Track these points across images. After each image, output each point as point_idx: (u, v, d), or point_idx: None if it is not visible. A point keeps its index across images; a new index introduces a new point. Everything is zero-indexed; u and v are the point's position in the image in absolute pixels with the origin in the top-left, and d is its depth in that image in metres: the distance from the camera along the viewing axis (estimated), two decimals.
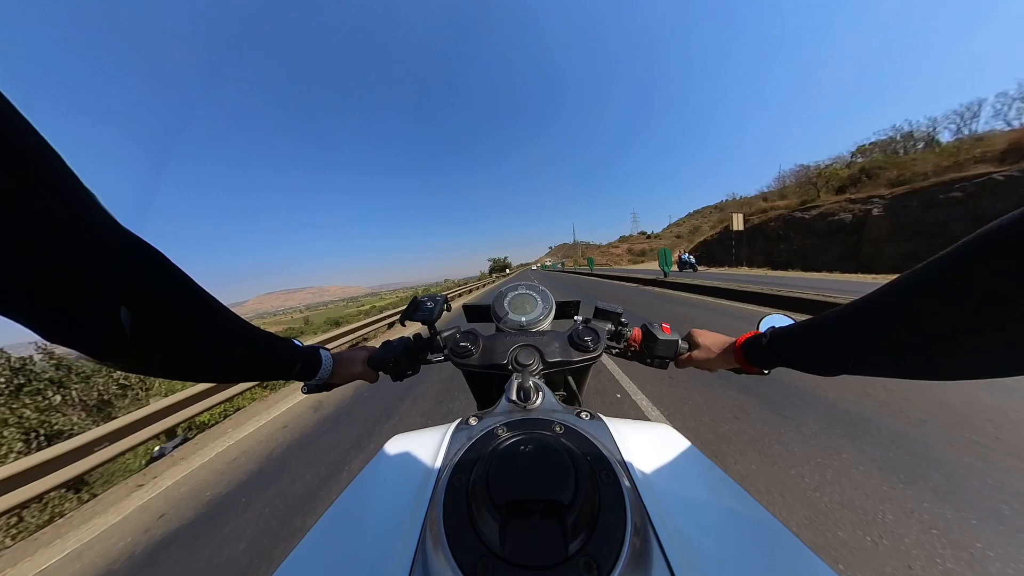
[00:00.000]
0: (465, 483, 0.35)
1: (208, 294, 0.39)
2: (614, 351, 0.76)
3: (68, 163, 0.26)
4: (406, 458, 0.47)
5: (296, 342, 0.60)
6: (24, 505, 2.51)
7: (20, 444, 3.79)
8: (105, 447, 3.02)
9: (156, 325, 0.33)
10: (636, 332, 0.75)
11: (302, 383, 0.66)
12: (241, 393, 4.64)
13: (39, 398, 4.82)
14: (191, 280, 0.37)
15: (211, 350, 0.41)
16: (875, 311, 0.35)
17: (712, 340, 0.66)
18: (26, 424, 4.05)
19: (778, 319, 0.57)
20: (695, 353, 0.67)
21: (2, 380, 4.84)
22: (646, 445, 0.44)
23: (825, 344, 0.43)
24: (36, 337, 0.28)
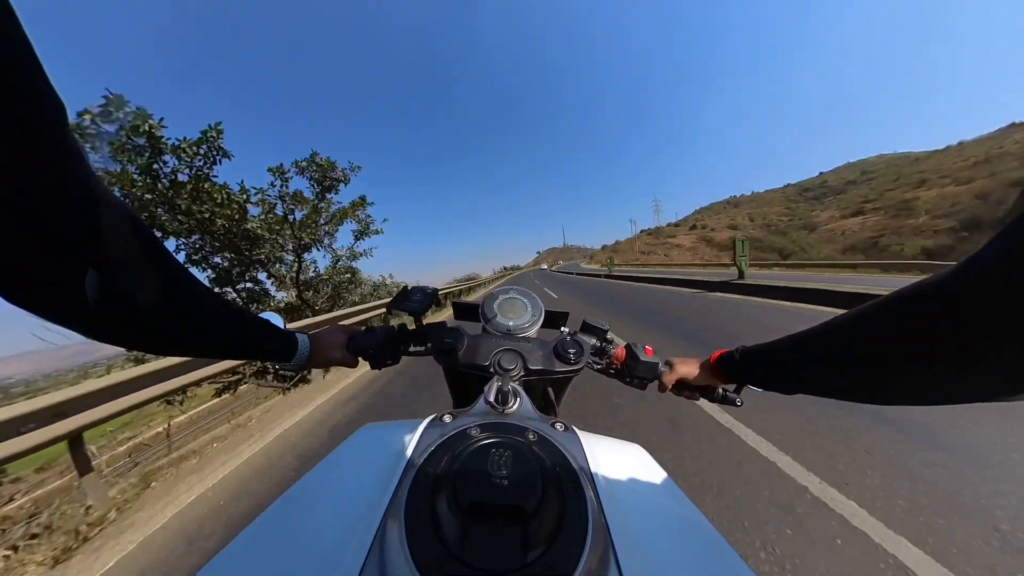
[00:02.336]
0: (432, 480, 0.36)
1: (178, 262, 0.37)
2: (596, 367, 0.75)
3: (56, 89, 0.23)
4: (374, 448, 0.47)
5: (273, 321, 0.57)
6: None
7: None
8: None
9: (121, 292, 0.31)
10: (619, 351, 0.75)
11: (276, 364, 0.63)
12: None
13: None
14: (162, 245, 0.35)
15: (177, 323, 0.39)
16: (831, 341, 0.39)
17: (690, 361, 0.69)
18: None
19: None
20: (676, 372, 0.68)
21: None
22: (615, 462, 0.44)
23: (788, 364, 0.46)
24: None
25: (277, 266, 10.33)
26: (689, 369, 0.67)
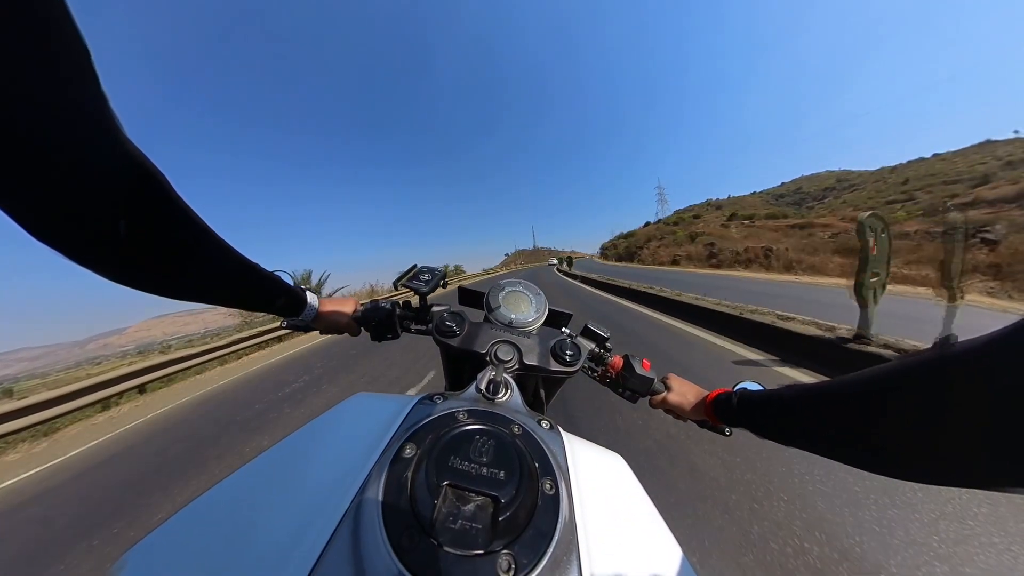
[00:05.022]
0: (414, 455, 0.36)
1: (197, 214, 0.39)
2: (591, 373, 0.76)
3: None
4: (363, 417, 0.48)
5: (285, 278, 0.61)
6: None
7: None
8: None
9: (149, 240, 0.34)
10: (616, 360, 0.74)
11: (283, 318, 0.68)
12: None
13: None
14: (183, 201, 0.37)
15: (199, 272, 0.42)
16: (836, 402, 0.37)
17: (687, 388, 0.68)
18: None
19: (751, 384, 0.59)
20: (669, 396, 0.68)
21: None
22: (594, 468, 0.44)
23: (786, 418, 0.45)
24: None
25: None
26: (683, 400, 0.67)
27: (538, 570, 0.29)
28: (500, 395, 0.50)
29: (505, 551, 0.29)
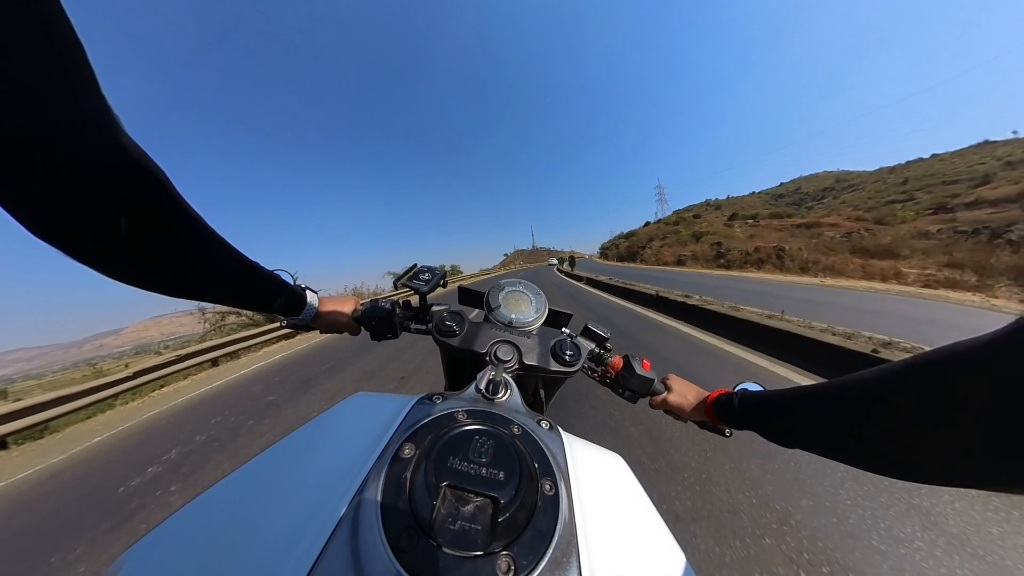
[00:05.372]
0: (412, 455, 0.36)
1: (198, 214, 0.39)
2: (591, 373, 0.76)
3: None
4: (362, 417, 0.47)
5: (286, 278, 0.60)
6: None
7: None
8: None
9: (150, 237, 0.34)
10: (617, 360, 0.74)
11: (284, 317, 0.67)
12: None
13: None
14: (184, 199, 0.37)
15: (199, 270, 0.41)
16: (839, 402, 0.37)
17: (687, 389, 0.68)
18: None
19: (752, 385, 0.58)
20: (670, 397, 0.68)
21: None
22: (594, 469, 0.44)
23: (787, 419, 0.44)
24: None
25: None
26: (683, 401, 0.66)
27: (538, 571, 0.29)
28: (500, 395, 0.50)
29: (504, 552, 0.29)
